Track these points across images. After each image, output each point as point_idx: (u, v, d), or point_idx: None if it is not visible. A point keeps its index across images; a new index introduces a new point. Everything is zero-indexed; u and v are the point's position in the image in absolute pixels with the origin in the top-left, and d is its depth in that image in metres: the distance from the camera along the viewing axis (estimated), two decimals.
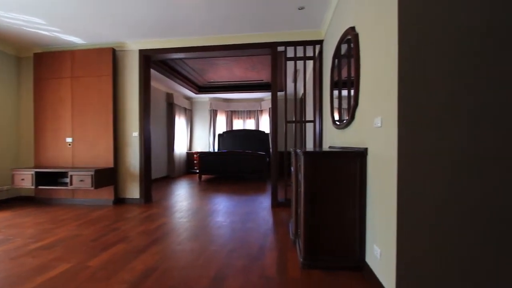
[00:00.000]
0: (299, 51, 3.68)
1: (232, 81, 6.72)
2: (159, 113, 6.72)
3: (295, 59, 3.58)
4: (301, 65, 4.48)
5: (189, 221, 3.05)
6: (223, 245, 2.32)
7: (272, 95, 3.70)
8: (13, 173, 3.67)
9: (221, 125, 8.56)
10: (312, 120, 3.82)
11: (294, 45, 3.55)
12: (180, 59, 4.52)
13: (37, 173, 3.61)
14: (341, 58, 2.47)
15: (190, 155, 8.09)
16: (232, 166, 6.26)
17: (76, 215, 3.31)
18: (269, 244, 2.36)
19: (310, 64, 4.52)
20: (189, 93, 7.53)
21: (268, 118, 8.18)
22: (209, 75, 6.15)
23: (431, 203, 1.29)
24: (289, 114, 6.95)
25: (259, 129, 8.30)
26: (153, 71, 4.98)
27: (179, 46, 3.77)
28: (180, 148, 7.65)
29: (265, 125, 8.32)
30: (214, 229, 2.75)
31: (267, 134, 7.75)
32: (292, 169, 2.61)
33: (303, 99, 3.82)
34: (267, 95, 7.84)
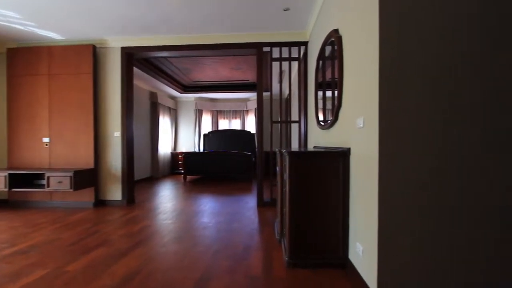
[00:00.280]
0: (285, 52, 3.71)
1: (218, 81, 6.67)
2: (142, 112, 6.57)
3: (280, 59, 3.61)
4: (286, 66, 4.52)
5: (173, 222, 3.00)
6: (208, 246, 2.30)
7: (258, 95, 3.71)
8: None
9: (206, 125, 8.48)
10: (297, 120, 3.87)
11: (279, 46, 3.57)
12: (164, 57, 4.44)
13: (10, 174, 3.43)
14: (325, 59, 2.51)
15: (174, 155, 7.96)
16: (218, 166, 6.22)
17: (54, 218, 3.17)
18: (254, 244, 2.37)
19: (295, 65, 4.56)
20: (174, 92, 7.41)
21: (254, 118, 8.19)
22: (195, 74, 6.08)
23: (411, 201, 1.33)
24: (274, 115, 6.99)
25: (245, 129, 8.30)
26: (136, 69, 4.85)
27: (163, 44, 3.70)
28: (165, 148, 7.51)
29: (251, 125, 8.33)
30: (199, 230, 2.72)
31: (253, 134, 7.75)
32: (277, 169, 2.63)
33: (289, 99, 3.87)
34: (253, 95, 7.85)
